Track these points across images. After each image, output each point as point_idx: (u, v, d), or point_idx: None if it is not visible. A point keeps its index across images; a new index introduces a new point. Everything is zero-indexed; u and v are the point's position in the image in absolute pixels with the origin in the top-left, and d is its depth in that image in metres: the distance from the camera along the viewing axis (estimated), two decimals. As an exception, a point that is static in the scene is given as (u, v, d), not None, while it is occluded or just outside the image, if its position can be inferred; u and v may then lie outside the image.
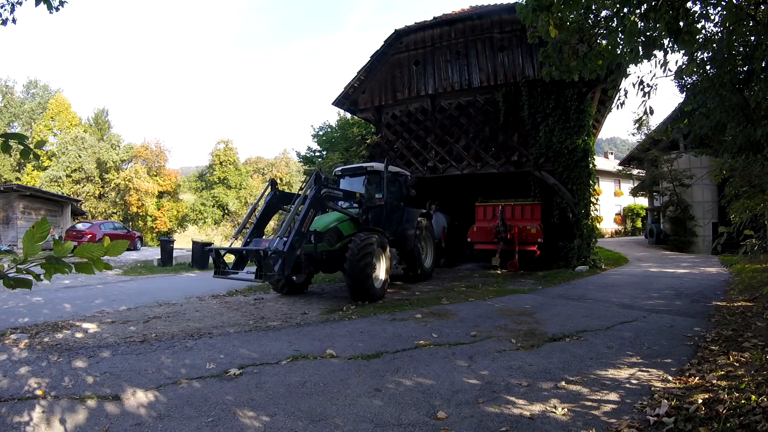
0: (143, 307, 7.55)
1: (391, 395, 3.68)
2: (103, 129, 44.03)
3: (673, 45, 4.26)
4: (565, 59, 5.21)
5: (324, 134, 24.44)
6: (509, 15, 12.85)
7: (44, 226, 1.47)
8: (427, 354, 4.80)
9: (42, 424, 3.20)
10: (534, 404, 3.47)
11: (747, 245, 5.90)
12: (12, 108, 42.45)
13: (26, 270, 1.47)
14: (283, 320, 6.55)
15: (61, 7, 5.56)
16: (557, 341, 5.24)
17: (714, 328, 5.65)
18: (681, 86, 6.31)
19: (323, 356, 4.71)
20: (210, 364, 4.43)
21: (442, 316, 6.70)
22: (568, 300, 7.99)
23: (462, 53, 14.14)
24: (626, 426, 3.03)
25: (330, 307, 7.59)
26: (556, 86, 12.13)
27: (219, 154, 46.85)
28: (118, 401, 3.57)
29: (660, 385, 3.79)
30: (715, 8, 4.82)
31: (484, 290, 9.25)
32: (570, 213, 12.60)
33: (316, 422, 3.21)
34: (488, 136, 14.23)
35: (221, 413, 3.35)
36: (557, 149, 12.63)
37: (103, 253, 1.48)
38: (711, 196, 19.02)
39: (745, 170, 6.99)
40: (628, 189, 29.38)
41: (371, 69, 15.59)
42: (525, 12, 4.58)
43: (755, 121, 4.59)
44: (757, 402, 2.99)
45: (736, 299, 7.60)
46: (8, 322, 6.31)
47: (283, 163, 52.73)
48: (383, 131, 15.75)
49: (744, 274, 10.20)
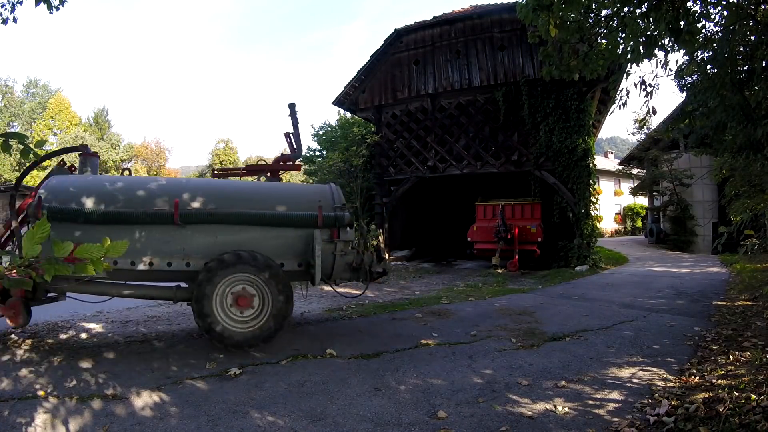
0: (143, 307, 7.54)
1: (391, 394, 3.68)
2: (103, 128, 44.04)
3: (674, 45, 4.26)
4: (566, 59, 5.21)
5: (324, 134, 24.42)
6: (509, 14, 12.83)
7: (44, 226, 1.47)
8: (427, 353, 4.81)
9: (43, 424, 3.21)
10: (534, 403, 3.47)
11: (747, 245, 5.90)
12: (12, 107, 42.43)
13: (26, 270, 1.47)
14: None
15: (62, 6, 5.55)
16: (557, 340, 5.24)
17: (714, 328, 5.66)
18: (681, 86, 6.31)
19: (323, 355, 4.71)
20: (210, 363, 4.43)
21: (442, 316, 6.70)
22: (569, 299, 7.99)
23: (462, 52, 14.13)
24: (627, 425, 3.03)
25: (330, 306, 7.59)
26: (557, 86, 12.11)
27: (219, 153, 46.85)
28: (119, 401, 3.57)
29: (660, 384, 3.79)
30: (716, 8, 4.82)
31: (484, 290, 9.25)
32: (570, 212, 12.60)
33: (316, 422, 3.21)
34: (488, 136, 14.23)
35: (221, 413, 3.35)
36: (557, 149, 12.63)
37: (103, 253, 1.47)
38: (711, 195, 19.00)
39: (746, 170, 7.00)
40: (628, 188, 29.34)
41: (371, 68, 15.59)
42: (525, 11, 4.58)
43: (755, 120, 4.58)
44: (757, 401, 2.99)
45: (737, 299, 7.60)
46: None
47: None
48: (383, 131, 15.75)
49: (744, 273, 10.21)
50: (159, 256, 4.84)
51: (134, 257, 4.77)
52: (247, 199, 5.22)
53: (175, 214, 4.78)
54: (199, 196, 5.04)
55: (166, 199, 4.94)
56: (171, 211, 4.80)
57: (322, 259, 5.06)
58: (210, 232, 4.97)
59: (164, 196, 4.99)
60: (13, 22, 5.75)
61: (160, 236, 4.85)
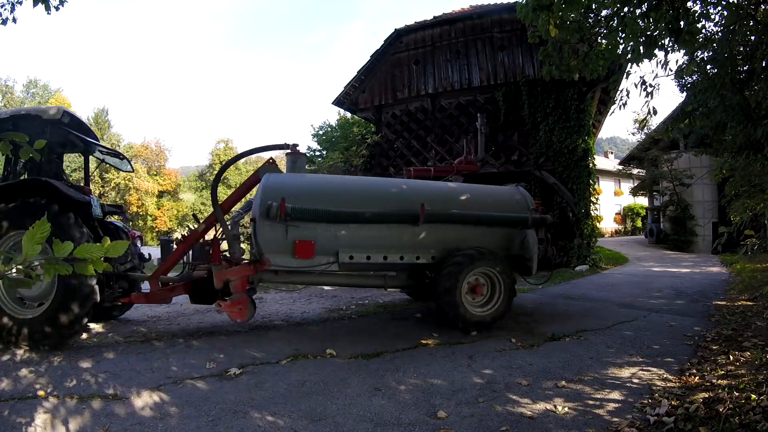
0: (143, 307, 7.54)
1: (391, 394, 3.68)
2: (103, 128, 44.03)
3: (674, 45, 4.26)
4: (566, 59, 5.21)
5: (324, 134, 24.43)
6: (509, 14, 12.83)
7: (44, 227, 1.47)
8: (427, 353, 4.81)
9: (43, 424, 3.21)
10: (534, 403, 3.47)
11: (747, 245, 5.90)
12: (12, 108, 42.41)
13: (26, 270, 1.47)
14: (283, 319, 6.56)
15: (62, 6, 5.55)
16: (557, 340, 5.24)
17: (714, 328, 5.66)
18: (681, 86, 6.31)
19: (323, 355, 4.71)
20: (210, 363, 4.43)
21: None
22: (569, 299, 7.99)
23: (462, 52, 14.13)
24: (627, 425, 3.03)
25: (330, 306, 7.59)
26: (557, 86, 12.11)
27: (219, 153, 46.84)
28: (119, 401, 3.57)
29: (660, 384, 3.79)
30: (716, 8, 4.82)
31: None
32: (570, 212, 12.60)
33: (316, 422, 3.21)
34: (488, 136, 14.22)
35: (221, 413, 3.35)
36: (557, 149, 12.63)
37: (103, 253, 1.47)
38: (711, 195, 19.00)
39: (746, 170, 7.00)
40: (628, 188, 29.35)
41: (371, 68, 15.59)
42: (525, 11, 4.58)
43: (755, 120, 4.58)
44: (757, 401, 2.99)
45: (737, 299, 7.61)
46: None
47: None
48: (383, 130, 15.75)
49: (744, 273, 10.21)
50: (393, 250, 5.58)
51: (370, 252, 5.50)
52: (468, 201, 6.07)
53: (421, 216, 5.44)
54: (434, 199, 5.80)
55: (407, 200, 5.65)
56: (415, 212, 5.46)
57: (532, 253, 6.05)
58: (439, 231, 5.71)
59: (406, 197, 5.73)
60: (13, 22, 5.75)
61: (397, 233, 5.58)
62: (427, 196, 5.79)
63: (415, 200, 5.58)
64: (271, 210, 5.08)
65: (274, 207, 5.07)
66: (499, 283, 5.68)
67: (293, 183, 5.64)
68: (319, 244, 5.34)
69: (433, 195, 5.91)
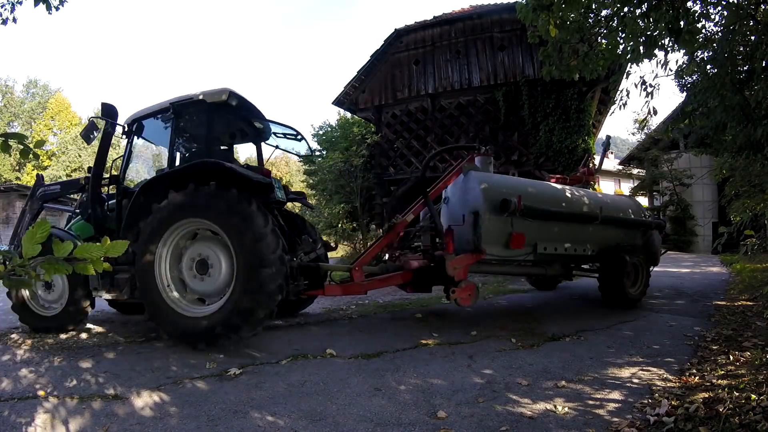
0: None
1: (391, 394, 3.68)
2: (104, 128, 43.95)
3: (674, 45, 4.26)
4: (566, 59, 5.22)
5: (324, 133, 24.39)
6: (509, 14, 12.84)
7: (44, 226, 1.47)
8: (427, 353, 4.81)
9: (43, 424, 3.21)
10: (534, 403, 3.46)
11: (747, 245, 5.91)
12: (12, 108, 42.40)
13: (26, 270, 1.47)
14: (282, 319, 6.56)
15: (62, 6, 5.55)
16: (557, 340, 5.24)
17: (714, 328, 5.65)
18: (681, 86, 6.32)
19: (323, 355, 4.71)
20: (210, 363, 4.43)
21: (442, 315, 6.71)
22: (568, 299, 7.99)
23: (462, 52, 14.14)
24: (627, 425, 3.03)
25: (330, 306, 7.59)
26: (557, 86, 12.12)
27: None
28: (119, 401, 3.57)
29: (660, 384, 3.79)
30: (716, 8, 4.83)
31: (484, 289, 9.24)
32: (570, 212, 12.61)
33: (316, 421, 3.21)
34: (488, 136, 14.22)
35: (221, 413, 3.35)
36: (557, 149, 12.64)
37: (103, 252, 1.47)
38: (711, 195, 19.01)
39: (746, 170, 7.01)
40: (628, 188, 29.34)
41: (371, 68, 15.60)
42: (525, 11, 4.59)
43: (755, 120, 4.58)
44: (757, 401, 2.99)
45: (737, 299, 7.60)
46: (10, 322, 6.31)
47: (283, 162, 52.72)
48: (383, 131, 15.75)
49: (744, 273, 10.20)
50: (574, 243, 6.67)
51: (557, 244, 6.46)
52: (616, 208, 7.35)
53: (599, 217, 6.60)
54: (604, 205, 6.94)
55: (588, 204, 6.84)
56: (596, 214, 6.61)
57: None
58: (603, 230, 6.87)
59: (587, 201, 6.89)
60: (13, 22, 5.76)
61: (580, 230, 6.68)
62: (601, 202, 7.03)
63: (594, 205, 6.78)
64: (509, 205, 5.66)
65: (513, 203, 5.65)
66: (642, 270, 7.06)
67: (506, 183, 6.58)
68: (529, 237, 6.08)
69: (603, 201, 7.15)
